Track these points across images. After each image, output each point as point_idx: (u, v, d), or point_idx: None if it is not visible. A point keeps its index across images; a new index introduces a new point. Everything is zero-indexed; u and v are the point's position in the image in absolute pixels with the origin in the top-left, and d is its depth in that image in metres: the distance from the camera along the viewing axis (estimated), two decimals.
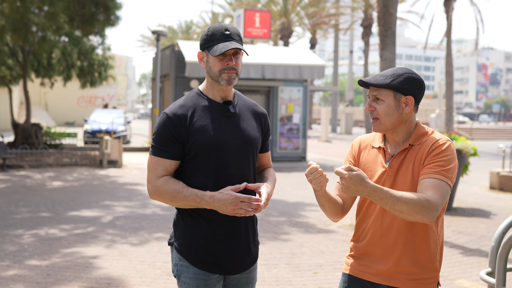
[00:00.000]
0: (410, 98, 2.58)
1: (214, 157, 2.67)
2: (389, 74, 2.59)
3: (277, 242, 7.81)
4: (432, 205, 2.36)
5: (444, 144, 2.53)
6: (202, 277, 2.69)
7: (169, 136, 2.66)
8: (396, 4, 9.42)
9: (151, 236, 8.01)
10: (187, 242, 2.72)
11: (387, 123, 2.59)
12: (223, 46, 2.64)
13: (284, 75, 18.66)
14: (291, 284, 5.95)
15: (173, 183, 2.65)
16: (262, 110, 2.91)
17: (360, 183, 2.28)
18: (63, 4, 15.16)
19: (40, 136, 19.80)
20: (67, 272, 6.15)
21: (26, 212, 9.61)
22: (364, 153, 2.74)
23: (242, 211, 2.58)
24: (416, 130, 2.63)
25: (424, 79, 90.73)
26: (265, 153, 2.95)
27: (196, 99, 2.75)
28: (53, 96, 44.99)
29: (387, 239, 2.59)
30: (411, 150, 2.59)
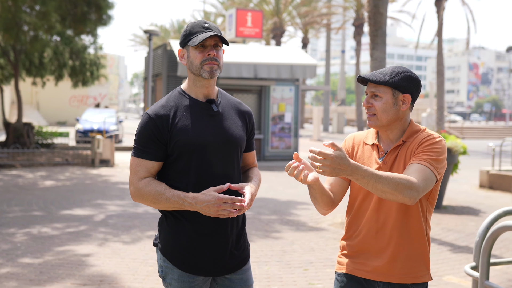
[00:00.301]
0: (408, 96, 2.61)
1: (197, 158, 2.63)
2: (388, 71, 2.62)
3: (268, 240, 7.88)
4: (413, 185, 2.37)
5: (436, 138, 2.57)
6: (187, 279, 2.67)
7: (151, 137, 2.62)
8: (386, 4, 9.52)
9: (143, 234, 8.07)
10: (170, 244, 2.69)
11: (384, 120, 2.62)
12: (203, 36, 2.60)
13: (276, 75, 18.73)
14: (282, 281, 6.02)
15: (155, 185, 2.60)
16: (246, 109, 2.87)
17: (343, 161, 2.26)
18: (55, 3, 15.18)
19: (32, 136, 19.79)
20: (60, 269, 6.20)
21: (18, 211, 9.65)
22: (358, 149, 2.75)
23: (225, 212, 2.53)
24: (410, 128, 2.66)
25: None
26: (250, 152, 2.92)
27: (178, 99, 2.70)
28: (45, 95, 44.89)
29: (383, 235, 2.60)
30: (404, 146, 2.62)
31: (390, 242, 2.59)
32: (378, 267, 2.60)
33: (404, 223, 2.58)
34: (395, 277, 2.59)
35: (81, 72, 22.89)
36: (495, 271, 6.55)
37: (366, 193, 2.65)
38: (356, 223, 2.69)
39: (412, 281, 2.60)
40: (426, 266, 2.64)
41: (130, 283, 5.80)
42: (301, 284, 5.90)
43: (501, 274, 6.48)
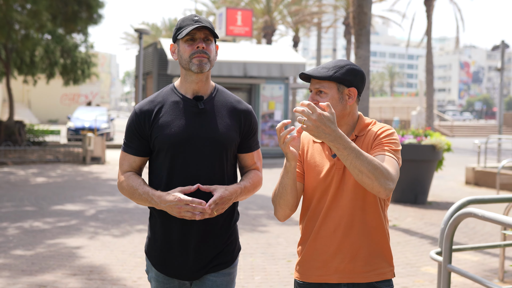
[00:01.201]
0: (353, 90, 2.52)
1: (174, 156, 2.58)
2: (331, 66, 2.52)
3: (255, 233, 8.10)
4: (390, 176, 2.30)
5: (389, 129, 2.52)
6: (162, 280, 2.66)
7: (134, 132, 2.63)
8: (370, 4, 9.75)
9: (132, 228, 8.28)
10: (150, 242, 2.70)
11: None
12: (190, 27, 2.55)
13: (266, 73, 18.97)
14: (265, 271, 6.25)
15: (132, 180, 2.60)
16: (244, 107, 2.74)
17: (331, 124, 2.20)
18: (46, 2, 15.35)
19: (24, 134, 19.95)
20: (51, 261, 6.41)
21: (10, 206, 9.83)
22: (308, 148, 2.63)
23: (188, 214, 2.47)
24: (360, 121, 2.58)
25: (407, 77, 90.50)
26: (248, 154, 2.77)
27: (167, 95, 2.67)
28: (36, 93, 44.90)
29: (340, 234, 2.49)
30: (357, 141, 2.53)
31: (349, 240, 2.48)
32: (339, 268, 2.49)
33: (361, 220, 2.48)
34: (359, 276, 2.49)
35: (72, 71, 23.05)
36: (472, 262, 6.80)
37: (322, 191, 2.53)
38: (311, 225, 2.56)
39: (376, 279, 2.50)
40: (389, 262, 2.55)
41: (119, 273, 6.02)
42: (283, 274, 6.13)
43: (477, 265, 6.73)
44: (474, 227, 8.91)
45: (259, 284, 5.79)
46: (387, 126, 2.55)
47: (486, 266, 6.68)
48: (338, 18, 44.24)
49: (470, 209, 3.21)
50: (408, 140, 11.10)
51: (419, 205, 10.88)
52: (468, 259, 6.95)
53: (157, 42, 20.80)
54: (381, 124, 2.58)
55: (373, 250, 2.51)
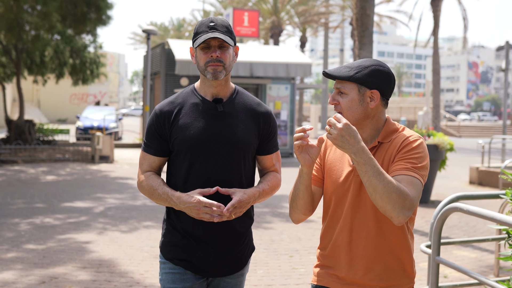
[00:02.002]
0: (376, 93, 2.40)
1: (192, 157, 2.61)
2: (355, 66, 2.41)
3: (258, 230, 8.33)
4: (408, 202, 2.20)
5: (416, 141, 2.37)
6: (178, 271, 2.67)
7: (153, 132, 2.66)
8: (373, 7, 9.95)
9: (140, 224, 8.52)
10: (167, 240, 2.71)
11: (351, 118, 2.39)
12: (204, 37, 2.56)
13: (272, 73, 19.19)
14: (268, 265, 6.47)
15: (152, 180, 2.64)
16: (264, 110, 2.77)
17: (355, 135, 2.17)
18: (56, 4, 15.64)
19: (33, 133, 20.25)
20: (61, 255, 6.67)
21: (21, 203, 10.10)
22: (330, 151, 2.56)
23: (206, 216, 2.51)
24: (386, 127, 2.45)
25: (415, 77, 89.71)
26: (267, 156, 2.79)
27: (187, 96, 2.70)
28: (46, 93, 45.36)
29: (357, 246, 2.41)
30: (380, 148, 2.42)
31: (365, 253, 2.40)
32: (354, 279, 2.42)
33: (380, 233, 2.39)
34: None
35: (81, 71, 23.35)
36: (470, 259, 6.99)
37: (338, 199, 2.47)
38: (330, 232, 2.51)
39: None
40: (409, 278, 2.45)
41: (127, 266, 6.26)
42: (285, 269, 6.35)
43: (475, 261, 6.92)
44: (475, 225, 9.09)
45: (261, 277, 6.01)
46: (415, 135, 2.42)
47: (483, 263, 6.86)
48: (346, 18, 44.38)
49: (456, 204, 3.41)
50: None
51: (421, 204, 11.06)
52: (466, 256, 7.15)
53: (164, 43, 21.06)
54: (409, 131, 2.45)
55: (391, 265, 2.41)
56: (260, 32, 35.25)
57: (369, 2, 9.94)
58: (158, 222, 8.71)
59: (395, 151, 2.38)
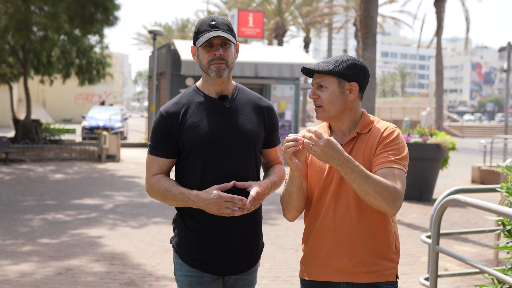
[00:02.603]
0: (354, 85, 2.51)
1: (206, 155, 2.63)
2: (333, 60, 2.52)
3: (265, 226, 8.54)
4: (397, 195, 2.33)
5: (393, 132, 2.49)
6: (195, 275, 2.68)
7: (162, 134, 2.66)
8: (376, 8, 10.17)
9: (149, 221, 8.76)
10: (183, 240, 2.70)
11: (331, 111, 2.51)
12: (206, 36, 2.59)
13: (277, 74, 19.41)
14: (274, 259, 6.70)
15: (164, 182, 2.64)
16: (266, 104, 2.81)
17: (337, 148, 2.23)
18: (64, 5, 15.89)
19: (40, 132, 20.50)
20: (75, 248, 6.91)
21: (32, 200, 10.34)
22: None
23: (228, 211, 2.52)
24: (363, 119, 2.56)
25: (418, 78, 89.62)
26: (272, 149, 2.84)
27: (192, 96, 2.71)
28: (51, 93, 45.63)
29: (341, 232, 2.48)
30: (360, 139, 2.53)
31: (350, 238, 2.47)
32: (339, 268, 2.49)
33: (362, 220, 2.48)
34: (358, 276, 2.48)
35: (88, 71, 23.58)
36: (470, 254, 7.20)
37: (321, 189, 2.55)
38: (312, 222, 2.57)
39: (377, 280, 2.49)
40: (392, 263, 2.52)
41: (139, 259, 6.50)
42: (291, 262, 6.58)
43: (475, 256, 7.12)
44: (476, 222, 9.30)
45: (269, 270, 6.24)
46: (391, 125, 2.54)
47: (483, 257, 7.07)
48: (349, 19, 44.60)
49: (455, 196, 3.63)
50: (414, 139, 11.50)
51: (424, 202, 11.26)
52: (466, 250, 7.36)
53: (170, 43, 21.30)
54: (385, 123, 2.57)
55: (375, 251, 2.48)
56: (264, 33, 35.48)
57: (372, 4, 10.16)
58: (167, 218, 8.94)
59: (375, 142, 2.47)
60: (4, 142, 16.54)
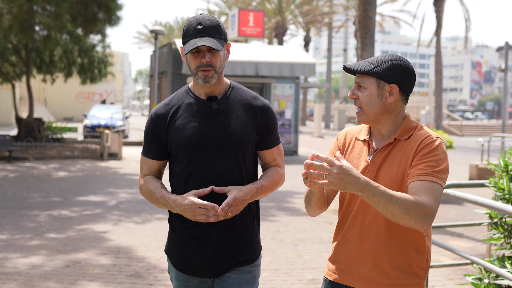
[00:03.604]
0: (395, 87, 2.39)
1: (190, 158, 2.58)
2: (374, 60, 2.41)
3: (265, 222, 8.76)
4: (427, 211, 2.18)
5: (434, 141, 2.33)
6: (182, 279, 2.68)
7: (151, 136, 2.64)
8: (374, 9, 10.38)
9: (152, 217, 8.98)
10: (170, 242, 2.71)
11: (370, 113, 2.41)
12: (191, 44, 2.50)
13: (277, 73, 19.62)
14: (274, 253, 6.92)
15: (150, 183, 2.63)
16: (260, 104, 2.70)
17: (353, 173, 2.11)
18: (67, 5, 16.10)
19: (43, 130, 20.74)
20: (81, 242, 7.14)
21: (38, 197, 10.57)
22: (349, 145, 2.56)
23: (202, 217, 2.47)
24: (404, 124, 2.42)
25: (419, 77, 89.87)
26: (267, 150, 2.73)
27: (182, 97, 2.67)
28: (52, 92, 45.85)
29: (367, 240, 2.40)
30: (397, 145, 2.40)
31: (374, 248, 2.38)
32: (362, 275, 2.41)
33: (389, 229, 2.37)
34: (380, 286, 2.38)
35: (90, 70, 23.81)
36: (464, 248, 7.41)
37: (352, 194, 2.46)
38: (342, 225, 2.53)
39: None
40: (418, 278, 2.39)
41: (143, 253, 6.72)
42: (290, 256, 6.80)
43: (469, 251, 7.34)
44: (472, 218, 9.52)
45: (269, 263, 6.46)
46: (433, 134, 2.38)
47: (477, 251, 7.29)
48: (349, 18, 44.80)
49: (445, 191, 3.84)
50: None
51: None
52: (461, 245, 7.57)
53: (171, 43, 21.52)
54: (427, 131, 2.41)
55: (400, 263, 2.37)
56: (265, 32, 35.68)
57: (371, 4, 10.37)
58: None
59: (413, 151, 2.34)
60: (8, 140, 16.76)
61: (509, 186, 4.11)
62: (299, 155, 20.45)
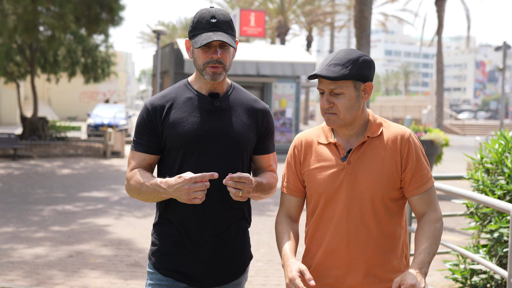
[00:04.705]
0: (369, 85, 2.26)
1: (185, 154, 2.41)
2: (344, 61, 2.21)
3: (262, 217, 9.03)
4: (440, 217, 2.27)
5: (411, 140, 2.28)
6: (165, 284, 2.45)
7: (144, 128, 2.45)
8: (370, 10, 10.65)
9: (153, 212, 9.26)
10: (157, 248, 2.48)
11: (348, 118, 2.25)
12: (205, 37, 2.34)
13: (278, 72, 19.89)
14: (269, 245, 7.19)
15: (140, 174, 2.40)
16: (262, 107, 2.56)
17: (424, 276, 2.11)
18: (71, 5, 16.41)
19: (47, 129, 21.05)
20: (84, 235, 7.43)
21: (42, 193, 10.86)
22: (311, 152, 2.37)
23: (198, 197, 2.22)
24: (371, 121, 2.32)
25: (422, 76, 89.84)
26: (264, 156, 2.57)
27: (181, 90, 2.51)
28: (56, 91, 46.18)
29: (356, 248, 2.26)
30: (371, 143, 2.28)
31: (364, 256, 2.26)
32: (353, 285, 2.27)
33: (380, 234, 2.26)
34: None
35: (93, 69, 24.13)
36: (454, 242, 7.66)
37: (328, 198, 2.30)
38: (319, 236, 2.34)
39: None
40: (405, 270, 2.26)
41: (143, 245, 7.01)
42: None
43: (458, 243, 7.58)
44: (453, 210, 9.74)
45: (263, 254, 6.73)
46: (405, 131, 2.32)
47: (462, 244, 7.53)
48: (351, 18, 44.99)
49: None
50: None
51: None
52: (451, 239, 7.82)
53: (173, 43, 21.82)
54: (395, 126, 2.34)
55: (392, 266, 2.29)
56: (267, 31, 35.94)
57: (367, 5, 10.63)
58: None
59: (397, 153, 2.26)
60: (13, 139, 17.08)
61: (483, 177, 4.37)
62: None
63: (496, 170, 4.41)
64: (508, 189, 4.09)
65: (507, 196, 4.13)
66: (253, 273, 5.96)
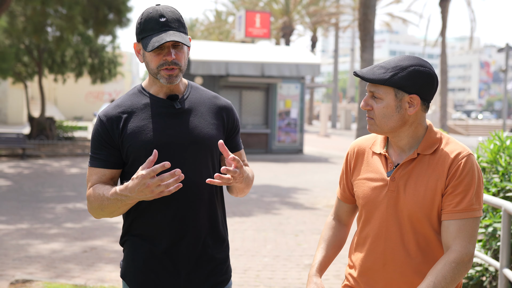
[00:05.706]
0: (416, 98, 2.07)
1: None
2: (391, 66, 2.08)
3: (268, 215, 9.27)
4: (466, 257, 2.00)
5: (466, 162, 2.04)
6: None
7: (101, 141, 2.26)
8: (374, 12, 10.87)
9: None
10: (129, 265, 2.31)
11: (384, 127, 2.11)
12: (156, 39, 2.17)
13: (283, 73, 20.13)
14: (276, 242, 7.43)
15: (98, 188, 2.20)
16: (224, 103, 2.44)
17: None
18: (79, 7, 16.70)
19: (54, 129, 21.36)
20: (96, 232, 7.70)
21: (53, 191, 11.13)
22: (363, 162, 2.26)
23: (161, 188, 2.01)
24: (427, 136, 2.13)
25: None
26: (236, 153, 2.45)
27: (136, 97, 2.34)
28: (62, 91, 46.55)
29: (393, 269, 2.14)
30: (421, 160, 2.10)
31: (402, 278, 2.12)
32: None
33: (422, 257, 2.11)
34: None
35: (100, 70, 24.45)
36: None
37: (369, 211, 2.19)
38: (358, 250, 2.26)
39: None
40: None
41: None
42: (291, 244, 7.30)
43: None
44: None
45: (270, 250, 6.97)
46: (464, 151, 2.09)
47: None
48: (356, 18, 45.18)
49: None
50: None
51: None
52: None
53: None
54: (455, 144, 2.12)
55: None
56: (272, 32, 36.16)
57: (370, 8, 10.86)
58: None
59: (444, 173, 2.06)
60: (21, 139, 17.38)
61: None
62: (304, 154, 20.96)
63: (491, 168, 4.64)
64: (502, 186, 4.32)
65: (501, 193, 4.36)
66: (260, 268, 6.21)
